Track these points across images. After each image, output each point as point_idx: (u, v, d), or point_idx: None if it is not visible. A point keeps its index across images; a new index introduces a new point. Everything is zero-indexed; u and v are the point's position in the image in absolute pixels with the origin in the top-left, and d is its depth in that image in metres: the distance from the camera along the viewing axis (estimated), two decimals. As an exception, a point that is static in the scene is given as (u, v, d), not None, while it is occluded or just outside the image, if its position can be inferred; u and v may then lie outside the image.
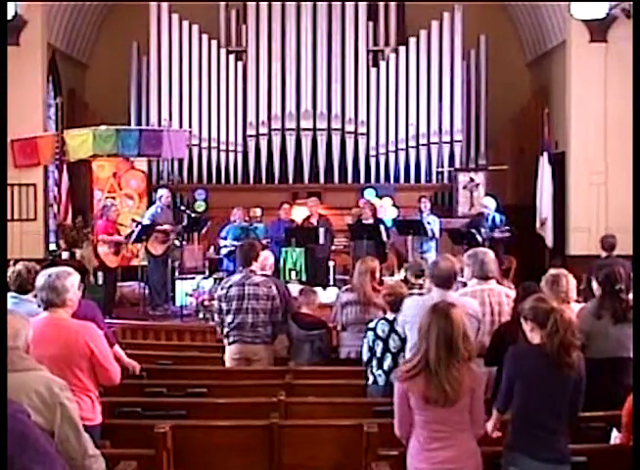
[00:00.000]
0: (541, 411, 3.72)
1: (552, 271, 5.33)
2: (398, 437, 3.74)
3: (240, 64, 13.15)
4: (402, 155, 12.97)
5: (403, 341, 5.19)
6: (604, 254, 8.34)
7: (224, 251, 10.56)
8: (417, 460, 3.63)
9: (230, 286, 6.17)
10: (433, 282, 4.97)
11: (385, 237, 10.40)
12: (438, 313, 3.61)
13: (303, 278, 10.18)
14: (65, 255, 11.04)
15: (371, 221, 10.58)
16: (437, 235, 10.75)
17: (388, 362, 5.24)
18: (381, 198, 12.50)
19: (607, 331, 4.73)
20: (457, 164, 12.88)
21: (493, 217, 10.47)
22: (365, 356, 5.43)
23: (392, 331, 5.31)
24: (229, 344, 6.21)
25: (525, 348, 3.79)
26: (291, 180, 12.91)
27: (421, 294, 5.42)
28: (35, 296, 4.60)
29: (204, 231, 11.14)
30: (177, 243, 10.55)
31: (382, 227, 10.48)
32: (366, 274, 6.22)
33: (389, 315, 5.43)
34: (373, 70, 13.10)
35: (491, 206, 10.60)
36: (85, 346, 4.07)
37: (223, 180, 13.04)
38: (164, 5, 12.95)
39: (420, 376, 3.55)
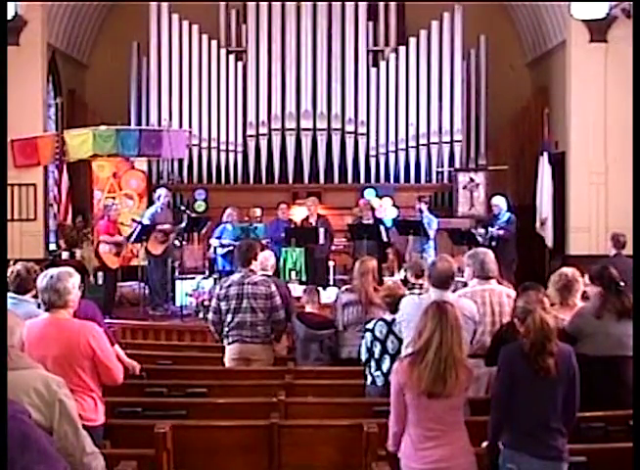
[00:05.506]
0: (537, 409, 3.72)
1: (561, 270, 5.23)
2: (392, 433, 3.73)
3: (240, 64, 13.15)
4: (402, 155, 12.96)
5: (401, 342, 5.18)
6: (613, 251, 8.31)
7: (220, 251, 10.55)
8: (411, 460, 3.65)
9: (229, 285, 6.19)
10: (430, 283, 4.99)
11: (384, 237, 10.40)
12: (443, 309, 3.65)
13: (303, 278, 10.19)
14: (65, 255, 11.04)
15: (371, 221, 10.58)
16: (432, 235, 10.73)
17: (386, 364, 5.22)
18: (381, 198, 12.48)
19: (607, 330, 4.72)
20: (457, 165, 12.87)
21: (501, 216, 10.47)
22: (363, 357, 5.42)
23: (390, 332, 5.30)
24: (228, 344, 6.22)
25: (517, 346, 3.80)
26: (291, 180, 12.91)
27: (420, 293, 5.41)
28: (34, 296, 4.60)
29: (204, 231, 11.14)
30: (177, 243, 10.55)
31: (382, 227, 10.48)
32: (367, 275, 6.23)
33: (388, 316, 5.43)
34: (373, 70, 13.10)
35: (502, 204, 10.58)
36: (87, 345, 4.07)
37: (223, 180, 13.03)
38: (164, 5, 12.95)
39: (420, 369, 3.57)
